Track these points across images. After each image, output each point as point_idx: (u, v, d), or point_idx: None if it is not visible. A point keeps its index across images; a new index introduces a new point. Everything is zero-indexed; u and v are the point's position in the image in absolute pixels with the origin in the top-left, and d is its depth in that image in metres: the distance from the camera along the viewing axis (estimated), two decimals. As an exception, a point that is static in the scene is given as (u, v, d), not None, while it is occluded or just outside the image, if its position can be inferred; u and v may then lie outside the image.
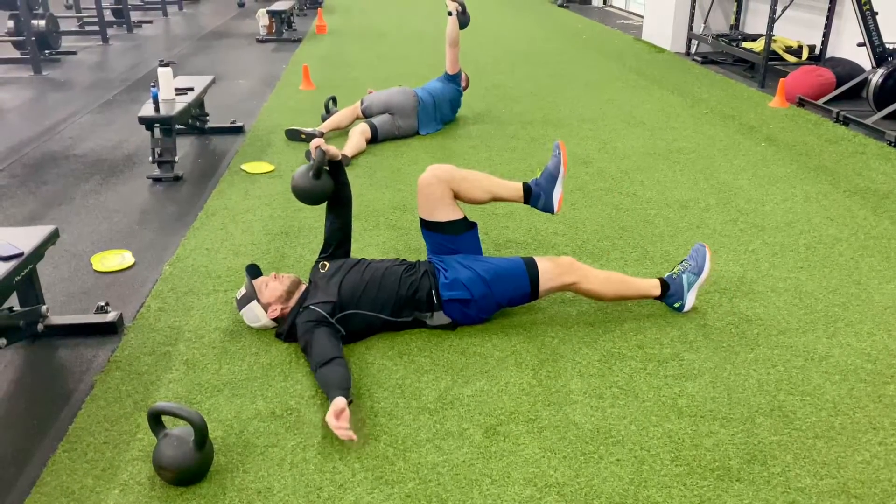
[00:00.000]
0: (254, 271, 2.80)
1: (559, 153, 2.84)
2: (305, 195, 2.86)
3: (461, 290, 2.66)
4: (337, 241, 2.91)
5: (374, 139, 4.96)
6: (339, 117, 5.19)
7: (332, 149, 2.83)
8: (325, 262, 2.81)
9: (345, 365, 2.39)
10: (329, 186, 2.86)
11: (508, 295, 2.71)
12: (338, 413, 2.14)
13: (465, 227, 2.82)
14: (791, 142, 4.94)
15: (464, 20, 5.09)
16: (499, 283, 2.67)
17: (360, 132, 4.87)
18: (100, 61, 8.09)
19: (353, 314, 2.62)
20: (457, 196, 2.80)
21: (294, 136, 5.04)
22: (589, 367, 2.51)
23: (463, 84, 5.35)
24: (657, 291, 2.82)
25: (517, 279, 2.69)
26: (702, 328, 2.74)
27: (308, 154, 4.59)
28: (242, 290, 2.73)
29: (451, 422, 2.25)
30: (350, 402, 2.27)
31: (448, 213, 2.79)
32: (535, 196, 2.84)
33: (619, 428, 2.22)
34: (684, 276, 2.81)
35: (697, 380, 2.44)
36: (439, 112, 5.22)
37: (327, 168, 2.87)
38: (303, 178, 2.83)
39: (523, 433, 2.20)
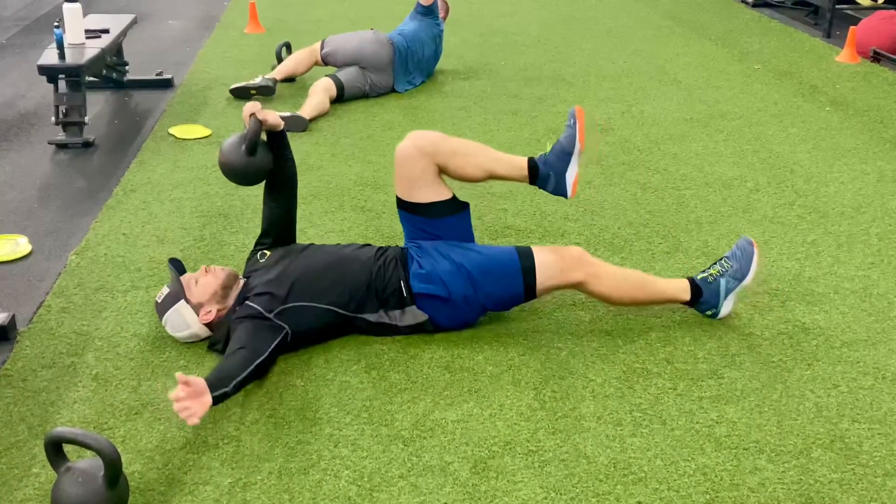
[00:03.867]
0: (178, 266, 2.78)
1: (575, 123, 2.81)
2: (236, 174, 2.82)
3: (437, 285, 2.66)
4: (277, 232, 2.91)
5: (340, 98, 4.94)
6: (295, 61, 5.22)
7: (272, 115, 2.80)
8: (265, 251, 2.82)
9: (242, 357, 2.42)
10: (266, 164, 2.81)
11: (495, 296, 2.71)
12: (185, 390, 2.17)
13: (453, 210, 2.82)
14: (863, 106, 4.97)
15: None
16: (485, 280, 2.67)
17: (322, 89, 4.86)
18: (-10, -5, 8.02)
19: (300, 307, 2.61)
20: (444, 171, 2.80)
21: (243, 94, 5.01)
22: (605, 387, 2.53)
23: (441, 13, 5.37)
24: (686, 296, 2.81)
25: (508, 276, 2.68)
26: (746, 338, 2.76)
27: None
28: (164, 291, 2.70)
29: (430, 454, 2.26)
30: (216, 399, 2.27)
31: (431, 192, 2.79)
32: (544, 176, 2.83)
33: (641, 462, 2.23)
34: (722, 281, 2.79)
35: (740, 403, 2.45)
36: (420, 60, 5.21)
37: (265, 140, 2.83)
38: (233, 152, 2.78)
39: (521, 468, 2.20)
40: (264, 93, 5.00)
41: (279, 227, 2.90)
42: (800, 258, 3.27)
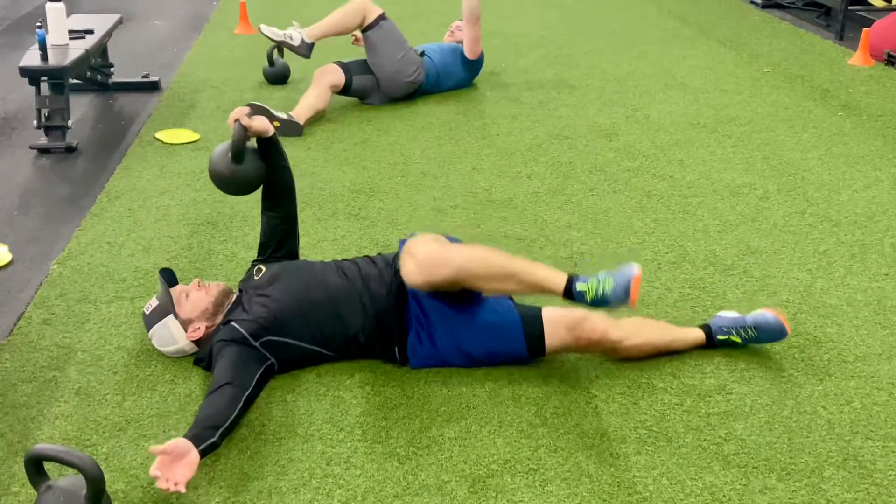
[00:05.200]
0: (169, 277, 2.77)
1: (627, 295, 2.40)
2: (223, 184, 2.79)
3: (436, 360, 2.64)
4: (278, 241, 2.86)
5: (345, 91, 4.91)
6: (341, 18, 4.84)
7: (259, 122, 2.73)
8: (261, 266, 2.77)
9: (229, 396, 2.35)
10: (255, 173, 2.77)
11: (498, 362, 2.67)
12: (165, 460, 2.08)
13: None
14: (876, 111, 4.99)
15: None
16: (487, 361, 2.64)
17: (328, 83, 4.76)
18: (-30, -7, 8.03)
19: (287, 343, 2.59)
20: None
21: (276, 45, 4.91)
22: (609, 403, 2.53)
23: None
24: (700, 343, 2.75)
25: (512, 355, 2.63)
26: (755, 352, 2.76)
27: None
28: (153, 303, 2.68)
29: (426, 472, 2.26)
30: (203, 452, 2.17)
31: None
32: (580, 295, 2.47)
33: (646, 481, 2.23)
34: (739, 342, 2.73)
35: (749, 419, 2.46)
36: (434, 91, 5.15)
37: (255, 147, 2.78)
38: (220, 160, 2.75)
39: (521, 487, 2.20)
40: (297, 52, 4.83)
41: (278, 239, 2.85)
42: (811, 269, 3.28)
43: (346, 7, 4.85)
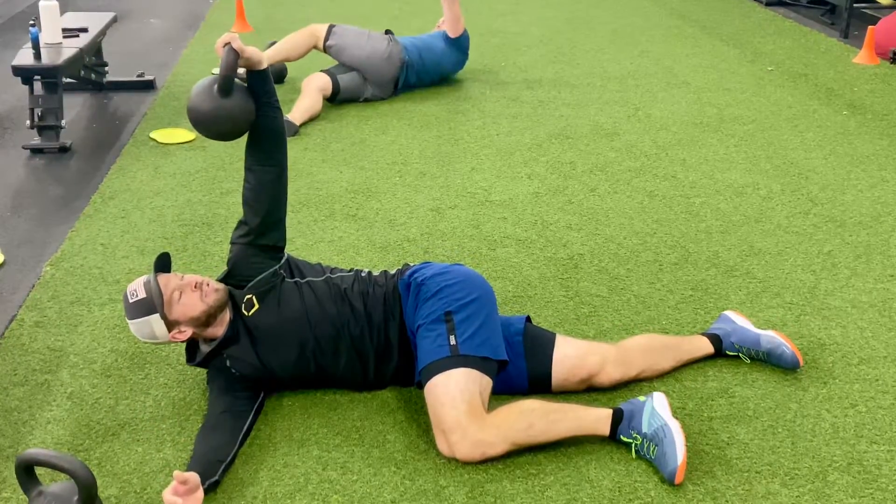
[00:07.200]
0: (164, 265, 2.54)
1: (672, 475, 2.22)
2: (206, 122, 2.44)
3: None
4: (265, 212, 2.53)
5: (332, 99, 4.94)
6: (291, 45, 5.03)
7: (253, 50, 2.45)
8: (253, 298, 2.49)
9: (230, 429, 2.32)
10: (243, 110, 2.44)
11: None
12: (181, 490, 2.04)
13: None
14: (881, 110, 4.99)
15: None
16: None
17: (316, 88, 4.82)
18: (-37, -9, 8.04)
19: (278, 387, 2.57)
20: None
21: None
22: (609, 406, 2.52)
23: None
24: (708, 351, 2.73)
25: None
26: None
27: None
28: (140, 293, 2.40)
29: (424, 477, 2.25)
30: (212, 485, 2.18)
31: None
32: (626, 444, 2.36)
33: (647, 487, 2.22)
34: (747, 360, 2.71)
35: (752, 423, 2.45)
36: (426, 76, 5.19)
37: (244, 81, 2.50)
38: (203, 94, 2.42)
39: (520, 493, 2.20)
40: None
41: (268, 202, 2.54)
42: (815, 270, 3.28)
43: (293, 36, 5.05)
